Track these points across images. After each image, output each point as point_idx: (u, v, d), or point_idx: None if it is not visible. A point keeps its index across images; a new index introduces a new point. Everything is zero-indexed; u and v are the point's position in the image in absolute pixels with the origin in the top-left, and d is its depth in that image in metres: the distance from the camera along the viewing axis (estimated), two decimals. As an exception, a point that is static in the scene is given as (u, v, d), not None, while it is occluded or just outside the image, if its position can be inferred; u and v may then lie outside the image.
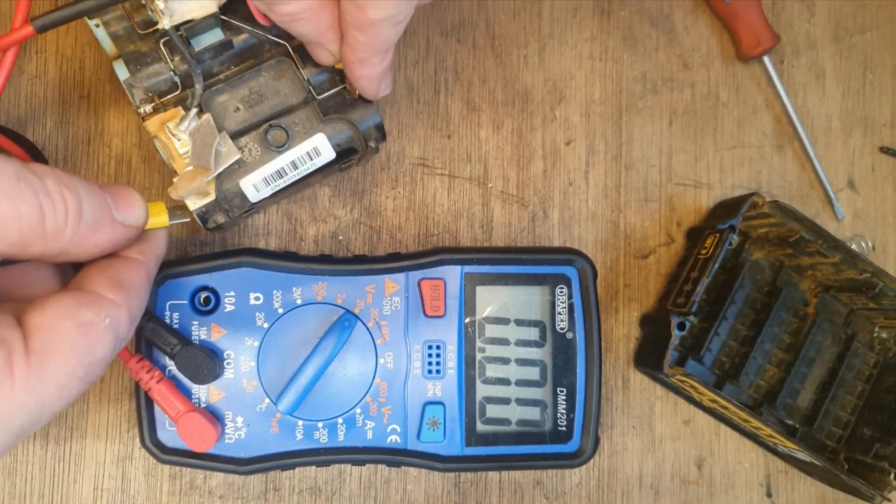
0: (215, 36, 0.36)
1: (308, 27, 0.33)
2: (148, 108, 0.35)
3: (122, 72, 0.35)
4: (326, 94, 0.37)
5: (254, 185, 0.36)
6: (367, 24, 0.31)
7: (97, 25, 0.35)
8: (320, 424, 0.38)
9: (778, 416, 0.44)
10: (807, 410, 0.44)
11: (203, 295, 0.37)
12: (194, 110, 0.35)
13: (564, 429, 0.39)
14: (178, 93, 0.36)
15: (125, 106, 0.41)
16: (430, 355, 0.39)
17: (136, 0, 0.35)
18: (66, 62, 0.41)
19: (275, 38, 0.37)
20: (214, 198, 0.36)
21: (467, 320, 0.39)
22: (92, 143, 0.41)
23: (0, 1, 0.41)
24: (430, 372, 0.39)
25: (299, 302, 0.38)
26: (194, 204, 0.35)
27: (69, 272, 0.33)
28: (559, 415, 0.39)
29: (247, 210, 0.37)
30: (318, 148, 0.37)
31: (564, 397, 0.39)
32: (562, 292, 0.40)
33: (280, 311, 0.38)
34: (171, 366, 0.36)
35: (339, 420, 0.38)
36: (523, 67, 0.45)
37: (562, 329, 0.40)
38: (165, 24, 0.34)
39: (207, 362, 0.35)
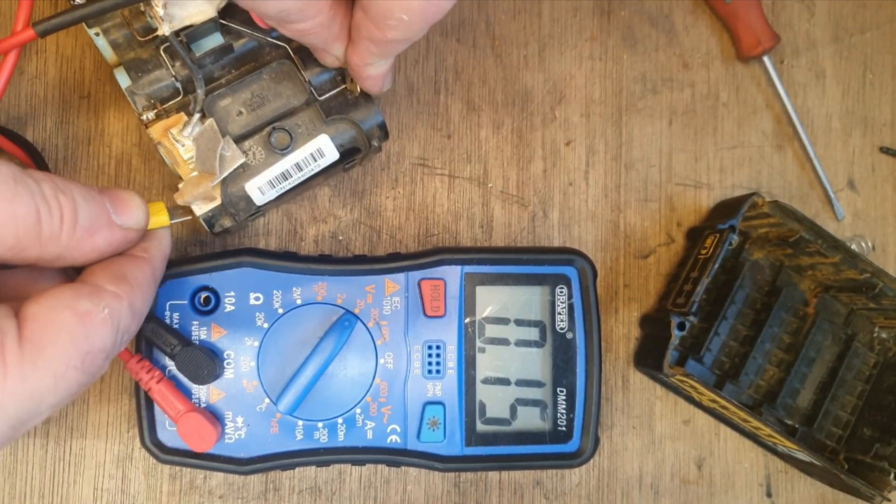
0: (215, 40, 0.36)
1: (318, 39, 0.33)
2: (150, 114, 0.35)
3: (123, 80, 0.35)
4: (328, 95, 0.37)
5: (259, 189, 0.36)
6: (383, 41, 0.32)
7: (97, 34, 0.35)
8: (320, 424, 0.38)
9: (778, 416, 0.44)
10: (807, 410, 0.44)
11: (203, 295, 0.37)
12: (197, 115, 0.35)
13: (564, 429, 0.39)
14: (180, 98, 0.36)
15: (125, 106, 0.41)
16: (430, 355, 0.39)
17: (136, 6, 0.35)
18: (67, 62, 0.41)
19: (275, 41, 0.37)
20: (220, 202, 0.36)
21: (467, 320, 0.39)
22: (92, 144, 0.41)
23: (1, 2, 0.41)
24: (430, 372, 0.39)
25: (299, 302, 0.38)
26: (200, 209, 0.35)
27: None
28: (559, 415, 0.39)
29: (253, 213, 0.37)
30: (321, 149, 0.37)
31: (564, 397, 0.39)
32: (562, 292, 0.40)
33: (280, 311, 0.38)
34: (171, 366, 0.36)
35: (339, 420, 0.38)
36: (523, 67, 0.45)
37: (562, 329, 0.40)
38: (165, 30, 0.34)
39: (207, 362, 0.35)
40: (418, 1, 0.29)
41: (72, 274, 0.33)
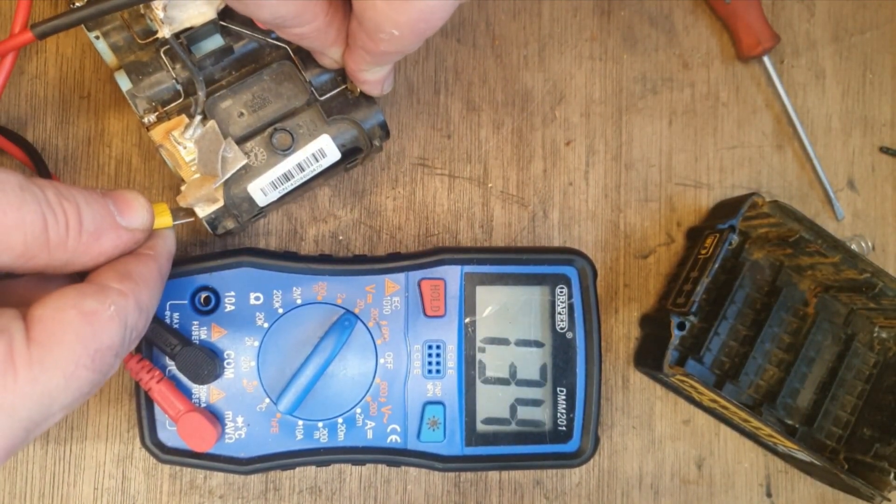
0: (215, 42, 0.36)
1: (315, 43, 0.34)
2: (152, 117, 0.35)
3: (124, 83, 0.35)
4: (329, 95, 0.37)
5: (261, 190, 0.36)
6: (377, 52, 0.32)
7: (97, 37, 0.35)
8: (320, 424, 0.38)
9: (778, 416, 0.44)
10: (807, 410, 0.44)
11: (203, 295, 0.37)
12: (198, 118, 0.35)
13: (564, 429, 0.39)
14: (181, 101, 0.36)
15: (125, 106, 0.41)
16: (430, 355, 0.39)
17: (136, 9, 0.35)
18: (67, 62, 0.41)
19: (275, 42, 0.37)
20: (223, 204, 0.36)
21: (467, 320, 0.39)
22: (92, 144, 0.41)
23: (1, 2, 0.41)
24: (430, 372, 0.39)
25: (299, 302, 0.38)
26: (203, 211, 0.35)
27: None
28: (559, 415, 0.39)
29: (255, 214, 0.37)
30: (323, 149, 0.37)
31: (564, 397, 0.39)
32: (562, 292, 0.40)
33: (280, 310, 0.38)
34: (172, 366, 0.36)
35: (340, 420, 0.38)
36: (523, 67, 0.45)
37: (562, 329, 0.40)
38: (165, 32, 0.34)
39: (208, 362, 0.35)
40: (407, 18, 0.29)
41: (78, 279, 0.34)
